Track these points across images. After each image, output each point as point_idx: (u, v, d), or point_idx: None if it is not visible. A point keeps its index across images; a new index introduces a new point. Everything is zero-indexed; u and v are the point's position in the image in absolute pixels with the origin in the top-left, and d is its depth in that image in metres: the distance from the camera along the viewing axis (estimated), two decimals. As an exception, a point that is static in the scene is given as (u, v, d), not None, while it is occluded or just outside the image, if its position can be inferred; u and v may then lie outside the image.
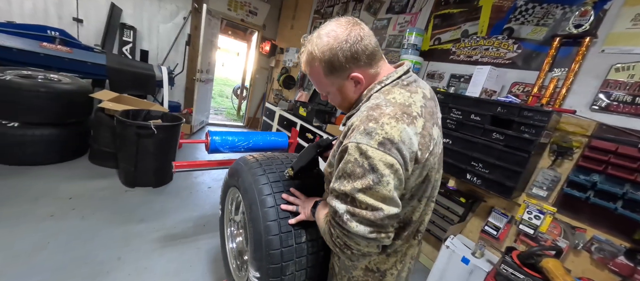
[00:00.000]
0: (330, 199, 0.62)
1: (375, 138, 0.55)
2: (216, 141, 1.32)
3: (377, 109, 0.60)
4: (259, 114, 5.37)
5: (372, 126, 0.56)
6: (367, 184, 0.55)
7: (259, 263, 0.84)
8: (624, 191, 1.33)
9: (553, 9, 1.78)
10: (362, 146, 0.55)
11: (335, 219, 0.61)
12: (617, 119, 1.47)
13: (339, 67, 0.64)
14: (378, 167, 0.54)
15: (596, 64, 1.56)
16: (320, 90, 0.75)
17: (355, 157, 0.56)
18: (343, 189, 0.58)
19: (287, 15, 4.87)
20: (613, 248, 1.41)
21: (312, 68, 0.68)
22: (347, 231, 0.58)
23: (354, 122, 0.61)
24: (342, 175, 0.59)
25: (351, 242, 0.59)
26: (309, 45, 0.66)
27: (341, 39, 0.62)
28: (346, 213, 0.58)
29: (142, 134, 2.13)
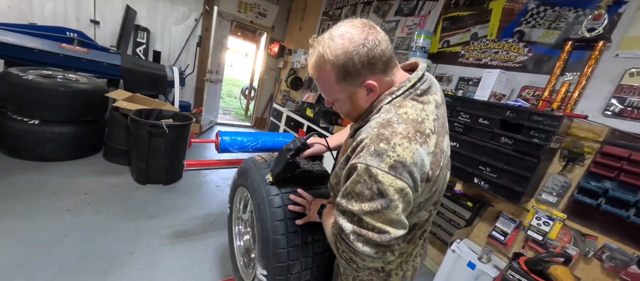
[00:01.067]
0: (337, 215, 0.61)
1: (386, 161, 0.53)
2: (226, 141, 1.35)
3: (389, 127, 0.56)
4: (267, 114, 5.43)
5: (383, 147, 0.53)
6: (375, 208, 0.54)
7: (266, 261, 0.87)
8: (637, 198, 1.30)
9: (565, 12, 1.75)
10: (372, 170, 0.53)
11: (341, 237, 0.60)
12: (630, 125, 1.43)
13: (353, 73, 0.58)
14: (387, 192, 0.52)
15: (610, 69, 1.53)
16: (328, 96, 0.68)
17: (365, 179, 0.54)
18: (350, 209, 0.57)
19: (296, 16, 4.92)
20: (625, 257, 1.38)
21: (321, 72, 0.61)
22: (353, 249, 0.58)
23: (364, 139, 0.58)
24: (350, 194, 0.57)
25: (357, 258, 0.59)
26: (320, 47, 0.59)
27: (358, 43, 0.56)
28: (352, 233, 0.57)
29: (154, 132, 2.20)
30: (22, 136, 2.22)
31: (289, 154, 0.90)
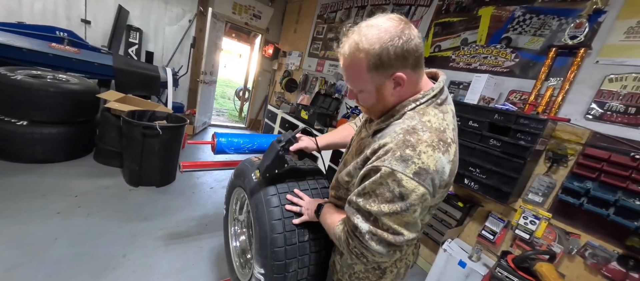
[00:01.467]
0: (351, 213, 0.63)
1: (411, 167, 0.55)
2: (222, 143, 1.36)
3: (415, 135, 0.58)
4: (261, 116, 5.43)
5: (409, 154, 0.55)
6: (394, 210, 0.56)
7: (264, 260, 0.89)
8: (616, 198, 1.37)
9: (549, 20, 1.83)
10: (397, 174, 0.55)
11: (355, 234, 0.62)
12: (610, 128, 1.51)
13: (386, 63, 0.58)
14: (409, 197, 0.55)
15: (590, 75, 1.61)
16: (355, 86, 0.66)
17: (388, 182, 0.56)
18: (368, 208, 0.59)
19: (291, 19, 4.95)
20: (606, 254, 1.45)
21: (353, 60, 0.60)
22: (366, 247, 0.61)
23: (388, 143, 0.59)
24: (369, 194, 0.59)
25: (368, 253, 0.62)
26: (355, 36, 0.59)
27: (394, 34, 0.56)
28: (368, 233, 0.59)
29: (147, 134, 2.18)
30: (11, 137, 2.17)
31: (280, 145, 0.91)
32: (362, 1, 3.45)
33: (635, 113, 1.45)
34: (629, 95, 1.48)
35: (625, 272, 1.38)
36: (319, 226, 0.89)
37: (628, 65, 1.50)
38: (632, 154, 1.38)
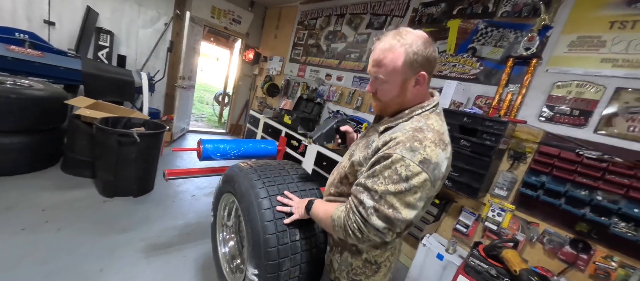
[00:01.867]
0: (360, 192, 0.71)
1: (417, 156, 0.66)
2: (208, 149, 1.37)
3: (421, 132, 0.70)
4: (242, 121, 5.36)
5: (416, 146, 0.67)
6: (399, 189, 0.65)
7: (258, 261, 0.92)
8: (565, 189, 1.57)
9: (507, 33, 2.06)
10: (406, 160, 0.65)
11: (358, 209, 0.70)
12: (559, 128, 1.73)
13: (416, 62, 0.71)
14: (412, 179, 0.65)
15: (542, 82, 1.83)
16: (387, 75, 0.74)
17: (397, 166, 0.66)
18: (375, 188, 0.68)
19: (271, 24, 4.98)
20: (560, 239, 1.65)
21: (393, 53, 0.71)
22: (366, 221, 0.69)
23: (399, 136, 0.70)
24: (378, 175, 0.68)
25: (365, 229, 0.69)
26: (396, 35, 0.73)
27: (425, 42, 0.72)
28: (372, 208, 0.68)
29: (123, 142, 2.09)
30: (-37, 148, 1.97)
31: (336, 121, 1.03)
32: (341, 10, 3.58)
33: (578, 115, 1.68)
34: (573, 100, 1.71)
35: (576, 254, 1.58)
36: (310, 226, 0.94)
37: (571, 73, 1.73)
38: (577, 151, 1.59)
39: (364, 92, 3.12)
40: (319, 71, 3.80)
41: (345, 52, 3.46)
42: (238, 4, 4.70)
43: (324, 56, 3.79)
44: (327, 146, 1.09)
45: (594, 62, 1.66)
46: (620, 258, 1.47)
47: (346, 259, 0.88)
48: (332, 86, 3.52)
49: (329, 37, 3.73)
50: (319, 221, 0.87)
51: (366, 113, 3.05)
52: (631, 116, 1.51)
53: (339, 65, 3.51)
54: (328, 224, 0.81)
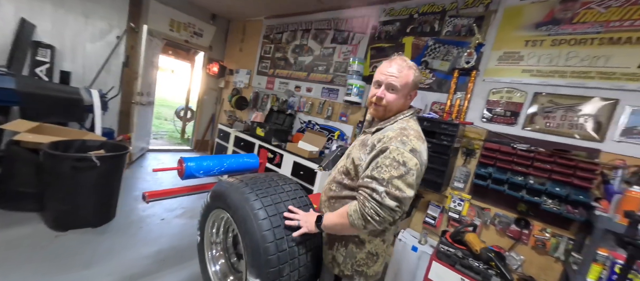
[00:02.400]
0: (369, 183, 0.87)
1: (407, 146, 0.86)
2: (191, 167, 1.34)
3: (406, 131, 0.91)
4: (209, 136, 5.14)
5: (405, 139, 0.88)
6: (400, 173, 0.83)
7: (258, 270, 0.95)
8: (507, 177, 1.89)
9: (451, 49, 2.42)
10: (400, 149, 0.85)
11: (372, 196, 0.85)
12: (497, 127, 2.09)
13: (417, 82, 1.00)
14: (408, 164, 0.84)
15: (481, 89, 2.20)
16: (402, 86, 0.96)
17: (394, 156, 0.85)
18: (382, 176, 0.84)
19: (235, 38, 4.94)
20: (507, 220, 1.97)
21: (409, 73, 0.97)
22: (380, 203, 0.84)
23: (390, 134, 0.90)
24: (381, 167, 0.86)
25: (381, 211, 0.84)
26: (407, 62, 0.99)
27: (419, 71, 1.02)
28: (384, 191, 0.84)
29: (80, 167, 1.89)
30: None
31: (339, 150, 1.29)
32: (306, 25, 3.76)
33: (510, 116, 2.05)
34: (505, 103, 2.09)
35: (520, 231, 1.90)
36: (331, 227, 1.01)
37: (502, 82, 2.12)
38: (512, 145, 1.94)
39: (333, 102, 3.29)
40: (288, 83, 3.89)
41: (312, 65, 3.62)
42: (199, 17, 4.59)
43: (292, 68, 3.90)
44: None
45: (517, 72, 2.06)
46: (551, 229, 1.82)
47: (351, 251, 0.99)
48: (302, 97, 3.63)
49: (296, 50, 3.86)
50: (333, 227, 0.97)
51: (337, 122, 3.22)
52: (546, 115, 1.91)
53: (308, 77, 3.66)
54: (345, 224, 0.91)
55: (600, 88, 1.75)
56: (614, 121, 1.69)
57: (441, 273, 1.64)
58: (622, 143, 1.65)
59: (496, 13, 2.20)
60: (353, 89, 2.83)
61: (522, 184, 1.83)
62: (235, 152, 3.50)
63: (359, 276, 1.01)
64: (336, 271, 1.04)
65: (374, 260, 1.01)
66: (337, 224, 0.95)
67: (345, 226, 0.92)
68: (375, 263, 1.02)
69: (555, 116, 1.88)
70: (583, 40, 1.82)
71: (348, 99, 2.89)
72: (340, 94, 3.23)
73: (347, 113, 3.11)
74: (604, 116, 1.72)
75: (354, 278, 1.01)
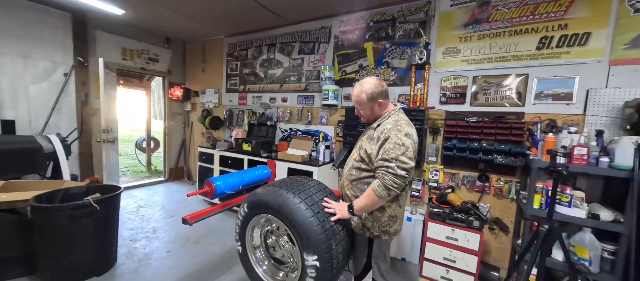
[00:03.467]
0: (384, 164, 1.20)
1: (402, 132, 1.22)
2: (220, 186, 1.46)
3: (398, 122, 1.27)
4: (182, 162, 4.91)
5: (399, 128, 1.23)
6: (402, 151, 1.18)
7: (314, 248, 1.16)
8: (467, 145, 2.40)
9: (406, 49, 2.91)
10: (398, 135, 1.20)
11: (388, 171, 1.18)
12: (452, 107, 2.61)
13: (373, 96, 1.31)
14: (406, 143, 1.19)
15: (435, 79, 2.71)
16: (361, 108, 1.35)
17: (395, 141, 1.20)
18: (391, 156, 1.18)
19: (195, 59, 4.86)
20: (472, 178, 2.48)
21: (360, 97, 1.32)
22: (395, 174, 1.17)
23: (387, 127, 1.25)
24: (389, 150, 1.20)
25: (396, 180, 1.17)
26: (360, 86, 1.33)
27: (376, 85, 1.32)
28: (395, 165, 1.17)
29: (78, 215, 1.80)
30: None
31: (347, 151, 1.51)
32: (270, 40, 3.95)
33: (459, 97, 2.59)
34: (453, 87, 2.62)
35: (483, 184, 2.43)
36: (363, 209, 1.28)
37: (448, 71, 2.65)
38: (465, 119, 2.46)
39: (311, 107, 3.55)
40: (262, 96, 4.03)
41: (284, 76, 3.83)
42: (152, 42, 4.43)
43: (263, 82, 4.05)
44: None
45: (458, 63, 2.61)
46: (504, 178, 2.37)
47: (376, 216, 1.29)
48: (279, 108, 3.81)
49: (265, 64, 4.03)
50: (364, 208, 1.25)
51: (318, 125, 3.48)
52: (484, 92, 2.48)
53: (281, 88, 3.86)
54: (374, 199, 1.21)
55: (515, 67, 2.36)
56: (528, 89, 2.30)
57: (436, 229, 2.03)
58: (536, 105, 2.27)
59: (434, 17, 2.74)
60: (329, 93, 3.15)
61: (478, 148, 2.34)
62: (224, 171, 3.50)
63: (385, 235, 1.34)
64: (367, 234, 1.33)
65: (394, 220, 1.33)
66: (367, 204, 1.24)
67: (374, 202, 1.22)
68: (395, 223, 1.34)
69: (490, 92, 2.46)
70: (498, 33, 2.43)
71: (326, 102, 3.19)
72: (317, 99, 3.52)
73: (326, 116, 3.40)
74: (521, 87, 2.34)
75: (381, 236, 1.34)
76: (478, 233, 1.90)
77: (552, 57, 2.21)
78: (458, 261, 1.96)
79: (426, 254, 2.08)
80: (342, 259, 1.27)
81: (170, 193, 4.18)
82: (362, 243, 1.37)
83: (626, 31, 1.97)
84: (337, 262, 1.22)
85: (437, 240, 2.03)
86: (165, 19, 3.77)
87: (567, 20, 2.16)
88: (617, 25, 2.00)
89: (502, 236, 2.42)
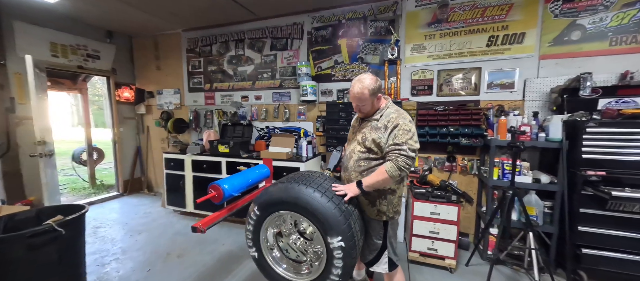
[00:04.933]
0: (395, 148, 1.31)
1: (406, 119, 1.36)
2: (227, 189, 1.38)
3: (399, 110, 1.41)
4: (138, 173, 4.36)
5: (404, 116, 1.37)
6: (410, 136, 1.32)
7: (337, 229, 1.22)
8: (437, 131, 2.71)
9: (378, 46, 3.11)
10: (405, 121, 1.34)
11: (400, 153, 1.29)
12: (422, 98, 2.91)
13: (373, 92, 1.36)
14: (412, 129, 1.34)
15: (406, 73, 2.97)
16: (363, 105, 1.39)
17: (403, 127, 1.32)
18: (401, 140, 1.30)
19: (146, 55, 4.32)
20: (442, 160, 2.82)
21: (363, 94, 1.35)
22: (407, 156, 1.29)
23: (393, 116, 1.37)
24: (397, 136, 1.31)
25: (409, 161, 1.29)
26: (360, 83, 1.35)
27: (373, 81, 1.37)
28: (406, 148, 1.29)
29: (38, 244, 1.50)
30: None
31: (340, 154, 1.55)
32: (238, 35, 3.77)
33: (427, 89, 2.90)
34: (422, 80, 2.92)
35: (451, 164, 2.78)
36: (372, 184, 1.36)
37: (417, 66, 2.94)
38: (434, 108, 2.78)
39: (288, 104, 3.53)
40: (232, 95, 3.83)
41: (256, 74, 3.71)
42: (90, 36, 3.80)
43: (232, 80, 3.85)
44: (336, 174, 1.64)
45: (424, 58, 2.92)
46: (467, 157, 2.76)
47: (390, 200, 1.41)
48: (253, 106, 3.68)
49: (233, 61, 3.83)
50: (374, 184, 1.33)
51: (296, 122, 3.48)
52: (448, 84, 2.83)
53: (254, 85, 3.72)
54: (385, 178, 1.30)
55: (471, 62, 2.75)
56: (482, 80, 2.71)
57: (421, 207, 2.27)
58: (488, 93, 2.70)
59: (402, 17, 3.00)
60: (308, 89, 3.18)
61: (447, 132, 2.68)
62: (197, 177, 3.23)
63: (396, 214, 1.48)
64: (384, 218, 1.44)
65: (400, 199, 1.48)
66: (377, 181, 1.34)
67: (385, 180, 1.32)
68: (401, 201, 1.50)
69: (452, 83, 2.82)
70: (456, 32, 2.79)
71: (305, 98, 3.22)
72: (293, 95, 3.50)
73: (305, 112, 3.42)
74: (476, 78, 2.74)
75: (394, 217, 1.47)
76: (456, 206, 2.19)
77: (498, 53, 2.65)
78: (441, 232, 2.24)
79: (414, 230, 2.31)
80: (360, 236, 1.36)
81: (131, 208, 3.68)
82: (378, 227, 1.47)
83: (549, 32, 2.48)
84: (358, 239, 1.30)
85: (423, 216, 2.28)
86: (106, 10, 3.26)
87: (508, 22, 2.60)
88: (543, 27, 2.50)
89: (468, 207, 2.82)
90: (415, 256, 2.35)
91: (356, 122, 1.58)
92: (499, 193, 2.44)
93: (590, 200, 2.01)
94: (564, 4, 2.41)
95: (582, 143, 2.02)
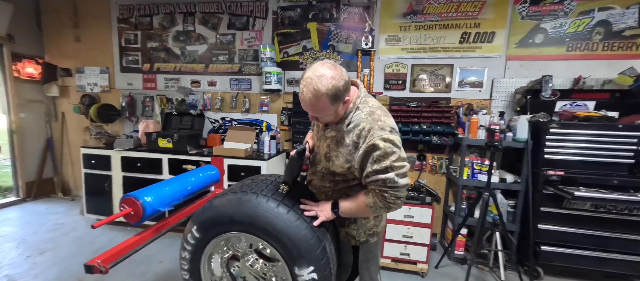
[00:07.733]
0: (378, 175, 0.87)
1: (386, 130, 0.87)
2: (151, 203, 0.95)
3: (374, 114, 0.91)
4: (49, 172, 3.42)
5: (380, 124, 0.88)
6: (397, 156, 0.87)
7: (309, 257, 0.92)
8: (409, 128, 2.59)
9: (351, 34, 2.85)
10: (384, 136, 0.85)
11: (388, 184, 0.87)
12: (395, 93, 2.75)
13: (337, 95, 0.85)
14: (397, 143, 0.88)
15: (380, 65, 2.78)
16: (321, 116, 0.92)
17: (384, 145, 0.84)
18: (385, 165, 0.85)
19: (59, 21, 3.38)
20: (412, 159, 2.71)
21: (318, 102, 0.84)
22: (397, 186, 0.88)
23: (365, 126, 0.89)
24: (379, 159, 0.85)
25: (399, 192, 0.89)
26: (313, 84, 0.82)
27: (339, 77, 0.84)
28: (395, 175, 0.86)
29: None
30: None
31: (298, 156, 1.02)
32: (187, 7, 3.14)
33: (401, 83, 2.75)
34: (395, 74, 2.76)
35: (421, 163, 2.70)
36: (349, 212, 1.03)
37: (391, 59, 2.77)
38: (407, 105, 2.64)
39: (248, 93, 3.07)
40: (180, 79, 3.21)
41: (210, 55, 3.15)
42: (-31, -15, 2.77)
43: (179, 60, 3.22)
44: (302, 176, 1.16)
45: (399, 51, 2.76)
46: (436, 156, 2.70)
47: (361, 223, 1.09)
48: (206, 94, 3.13)
49: (181, 38, 3.19)
50: (350, 212, 1.01)
51: (257, 113, 3.05)
52: (420, 79, 2.72)
53: (207, 69, 3.16)
54: (364, 211, 0.97)
55: (444, 58, 2.67)
56: (453, 78, 2.66)
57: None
58: (459, 91, 2.66)
59: (377, 4, 2.78)
60: (272, 76, 2.77)
61: (419, 130, 2.56)
62: (128, 177, 2.59)
63: (372, 237, 1.12)
64: (353, 242, 1.12)
65: (380, 219, 1.14)
66: (355, 211, 1.00)
67: (365, 213, 1.00)
68: (382, 220, 1.16)
69: (425, 79, 2.72)
70: (431, 26, 2.68)
71: (268, 87, 2.81)
72: (254, 83, 3.06)
73: (268, 103, 3.01)
74: (448, 75, 2.68)
75: (368, 241, 1.11)
76: (430, 208, 2.08)
77: (470, 51, 2.61)
78: (415, 235, 2.11)
79: (387, 235, 2.14)
80: (336, 259, 1.08)
81: (35, 218, 2.83)
82: (347, 248, 1.18)
83: (516, 33, 2.51)
84: (333, 265, 1.02)
85: (396, 219, 2.12)
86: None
87: (479, 20, 2.57)
88: (511, 28, 2.52)
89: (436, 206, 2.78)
90: (387, 262, 2.19)
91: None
92: (474, 193, 2.42)
93: (549, 199, 2.07)
94: (530, 6, 2.45)
95: (545, 143, 2.07)
